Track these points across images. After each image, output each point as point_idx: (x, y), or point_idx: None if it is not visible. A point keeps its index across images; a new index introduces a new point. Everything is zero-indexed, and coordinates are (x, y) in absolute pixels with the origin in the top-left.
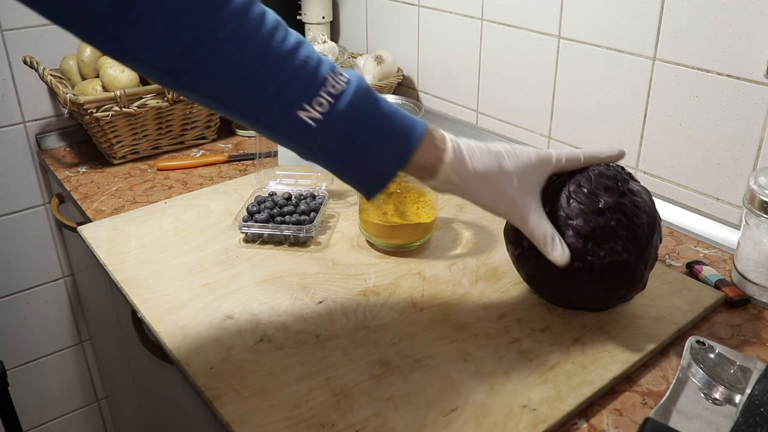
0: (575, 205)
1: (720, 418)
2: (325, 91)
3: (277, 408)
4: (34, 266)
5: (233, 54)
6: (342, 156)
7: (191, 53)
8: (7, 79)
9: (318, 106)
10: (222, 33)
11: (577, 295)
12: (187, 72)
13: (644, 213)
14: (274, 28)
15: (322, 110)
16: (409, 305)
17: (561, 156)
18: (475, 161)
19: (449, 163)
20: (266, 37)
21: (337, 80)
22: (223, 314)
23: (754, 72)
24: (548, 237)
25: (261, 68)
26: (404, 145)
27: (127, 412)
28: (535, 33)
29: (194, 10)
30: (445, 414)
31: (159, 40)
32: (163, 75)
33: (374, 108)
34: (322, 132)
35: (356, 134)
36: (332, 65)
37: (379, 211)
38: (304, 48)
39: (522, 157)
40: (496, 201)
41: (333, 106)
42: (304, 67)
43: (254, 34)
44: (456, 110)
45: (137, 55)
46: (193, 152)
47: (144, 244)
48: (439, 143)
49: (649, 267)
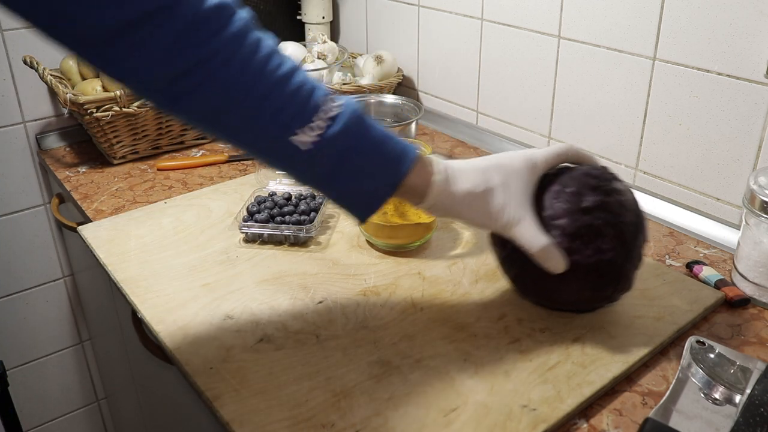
0: (560, 205)
1: (720, 418)
2: (319, 117)
3: (277, 408)
4: (34, 266)
5: (229, 78)
6: (335, 180)
7: (187, 77)
8: (7, 79)
9: (311, 131)
10: (219, 58)
11: (562, 295)
12: (183, 96)
13: (630, 212)
14: (270, 54)
15: (316, 135)
16: (409, 305)
17: (548, 155)
18: (462, 182)
19: (438, 185)
20: (262, 62)
21: (330, 106)
22: (223, 314)
23: (754, 72)
24: (543, 248)
25: (256, 93)
26: (397, 169)
27: (127, 412)
28: (535, 33)
29: (193, 36)
30: (445, 414)
31: (157, 64)
32: (159, 96)
33: (367, 133)
34: (316, 156)
35: (349, 159)
36: (326, 91)
37: (379, 211)
38: (298, 74)
39: (508, 167)
40: (485, 218)
41: (326, 131)
42: (299, 92)
43: (250, 60)
44: (456, 110)
45: (134, 78)
46: (193, 152)
47: (144, 244)
48: (428, 167)
49: (635, 267)
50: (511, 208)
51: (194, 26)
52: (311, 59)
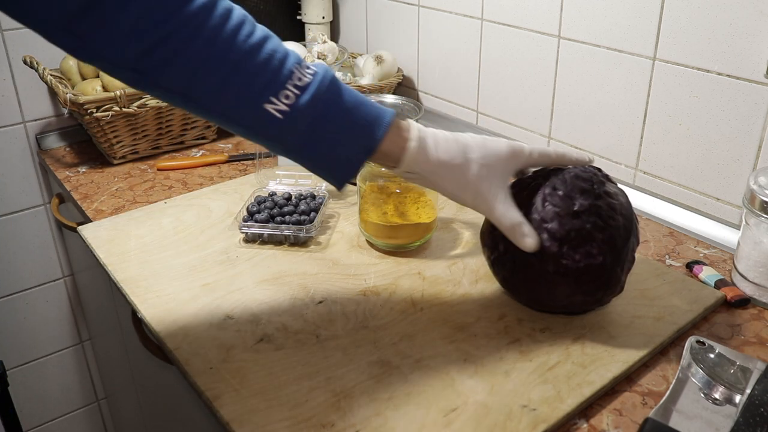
0: (550, 208)
1: (720, 418)
2: (292, 84)
3: (277, 408)
4: (34, 266)
5: (199, 51)
6: (310, 146)
7: (157, 51)
8: (7, 79)
9: (285, 99)
10: (187, 30)
11: (553, 299)
12: (154, 70)
13: (620, 215)
14: (240, 24)
15: (289, 102)
16: (409, 305)
17: (534, 150)
18: (439, 150)
19: (412, 152)
20: (232, 32)
21: (303, 73)
22: (223, 314)
23: (754, 72)
24: (516, 225)
25: (227, 64)
26: (371, 134)
27: (127, 412)
28: (535, 33)
29: (159, 9)
30: (445, 414)
31: (124, 40)
32: (131, 74)
33: (340, 99)
34: (289, 124)
35: (323, 125)
36: (299, 58)
37: (379, 211)
38: (270, 42)
39: (491, 148)
40: (460, 190)
41: (299, 98)
42: (270, 60)
43: (219, 30)
44: (456, 110)
45: (103, 55)
46: (193, 152)
47: (144, 244)
48: (404, 132)
49: (626, 270)
50: (487, 184)
51: (156, 3)
52: (311, 59)
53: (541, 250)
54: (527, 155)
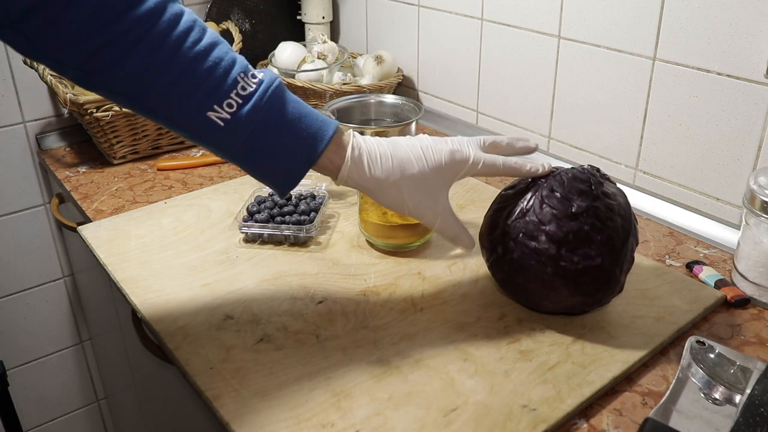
0: (548, 210)
1: (720, 418)
2: (235, 93)
3: (277, 408)
4: (34, 266)
5: (145, 55)
6: (251, 155)
7: (103, 53)
8: (7, 79)
9: (228, 108)
10: (134, 34)
11: (552, 300)
12: (100, 71)
13: (618, 216)
14: (188, 30)
15: (231, 111)
16: (409, 305)
17: (478, 160)
18: (374, 168)
19: (347, 169)
20: (179, 38)
21: (247, 82)
22: (223, 314)
23: (754, 72)
24: (455, 237)
25: (172, 70)
26: (312, 147)
27: (127, 412)
28: (535, 33)
29: (107, 11)
30: (445, 414)
31: (72, 40)
32: (77, 73)
33: (283, 109)
34: (231, 132)
35: (264, 135)
36: (245, 67)
37: (379, 211)
38: (217, 49)
39: (431, 161)
40: (397, 205)
41: (241, 108)
42: (216, 68)
43: (166, 36)
44: (456, 110)
45: (51, 55)
46: (193, 152)
47: (144, 244)
48: (341, 150)
49: (625, 270)
50: (425, 199)
51: (103, 5)
52: (311, 59)
53: (539, 253)
54: (470, 165)
